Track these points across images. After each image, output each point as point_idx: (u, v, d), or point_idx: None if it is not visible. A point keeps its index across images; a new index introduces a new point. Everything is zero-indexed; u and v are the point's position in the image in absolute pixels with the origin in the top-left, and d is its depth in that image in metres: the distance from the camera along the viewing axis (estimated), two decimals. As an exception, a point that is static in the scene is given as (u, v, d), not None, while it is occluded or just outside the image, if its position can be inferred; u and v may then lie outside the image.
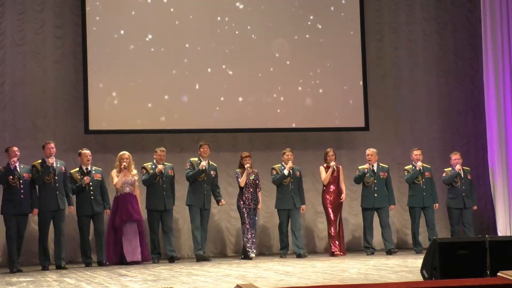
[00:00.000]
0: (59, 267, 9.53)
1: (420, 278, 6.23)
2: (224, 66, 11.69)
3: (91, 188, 9.98)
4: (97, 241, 10.07)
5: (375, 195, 10.66)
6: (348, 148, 11.83)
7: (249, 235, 10.43)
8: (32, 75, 11.17)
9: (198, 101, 11.54)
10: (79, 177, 9.98)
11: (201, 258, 10.13)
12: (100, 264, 9.88)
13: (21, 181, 9.44)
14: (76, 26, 11.29)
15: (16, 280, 8.01)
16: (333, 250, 10.55)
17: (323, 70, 12.02)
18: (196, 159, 10.37)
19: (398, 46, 12.67)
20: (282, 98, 11.83)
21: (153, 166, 10.28)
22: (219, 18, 11.72)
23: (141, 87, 11.35)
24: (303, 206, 10.80)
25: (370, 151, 10.82)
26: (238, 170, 10.55)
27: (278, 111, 11.82)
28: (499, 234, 11.31)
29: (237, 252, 11.56)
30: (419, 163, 10.76)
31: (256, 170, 10.64)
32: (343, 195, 10.78)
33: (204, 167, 10.28)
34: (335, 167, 10.65)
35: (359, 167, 10.80)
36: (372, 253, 10.51)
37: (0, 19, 11.04)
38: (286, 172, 10.56)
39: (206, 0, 11.78)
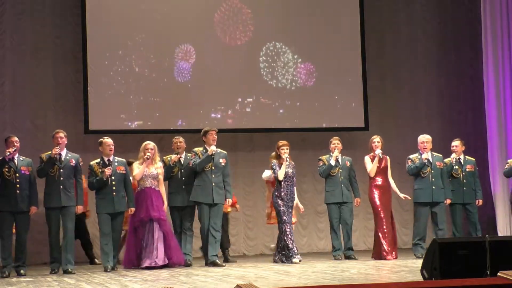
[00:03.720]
0: (66, 272, 8.50)
1: (420, 278, 6.23)
2: (223, 66, 11.71)
3: (113, 182, 8.83)
4: (114, 244, 8.90)
5: (433, 187, 9.50)
6: (348, 148, 11.79)
7: (289, 236, 9.15)
8: (32, 75, 11.17)
9: (198, 101, 11.58)
10: (100, 169, 8.85)
11: (213, 264, 9.04)
12: (112, 269, 8.70)
13: (17, 175, 8.51)
14: (76, 26, 11.29)
15: (16, 280, 7.99)
16: (384, 254, 9.36)
17: (323, 70, 12.04)
18: (201, 148, 9.31)
19: (398, 46, 12.68)
20: (281, 98, 11.85)
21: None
22: (216, 18, 11.74)
23: (141, 87, 11.39)
24: (357, 199, 9.91)
25: (426, 138, 9.67)
26: (274, 161, 9.33)
27: (280, 111, 11.85)
28: (499, 234, 11.31)
29: (237, 252, 11.53)
30: (453, 155, 9.90)
31: (293, 163, 9.47)
32: (403, 196, 9.69)
33: (214, 152, 9.19)
34: (380, 155, 9.51)
35: (410, 157, 9.70)
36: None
37: (0, 19, 11.05)
38: (332, 162, 9.66)
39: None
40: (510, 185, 10.67)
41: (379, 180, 9.63)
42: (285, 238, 9.15)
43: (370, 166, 9.61)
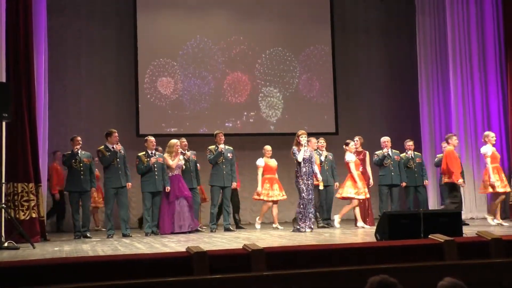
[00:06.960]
0: (124, 235, 8.44)
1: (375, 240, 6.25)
2: (235, 90, 11.71)
3: (155, 168, 8.77)
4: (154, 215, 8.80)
5: (392, 174, 9.57)
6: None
7: (304, 210, 8.25)
8: (100, 96, 11.24)
9: (215, 113, 11.57)
10: (146, 159, 8.79)
11: (227, 230, 9.09)
12: (155, 233, 8.69)
13: (81, 164, 8.56)
14: (131, 57, 11.26)
15: (88, 240, 7.97)
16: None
17: (304, 92, 12.05)
18: (213, 146, 9.32)
19: (358, 74, 12.73)
20: (274, 112, 11.87)
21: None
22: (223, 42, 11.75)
23: (175, 104, 11.39)
24: (336, 183, 9.60)
25: (385, 138, 9.71)
26: (295, 147, 8.39)
27: (274, 121, 11.86)
28: (430, 208, 11.28)
29: (244, 221, 11.44)
30: (410, 152, 9.90)
31: (311, 148, 8.76)
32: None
33: (222, 150, 9.24)
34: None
35: (376, 152, 9.67)
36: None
37: (77, 57, 11.02)
38: (323, 158, 9.59)
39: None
40: (438, 174, 10.66)
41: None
42: (297, 212, 8.35)
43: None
